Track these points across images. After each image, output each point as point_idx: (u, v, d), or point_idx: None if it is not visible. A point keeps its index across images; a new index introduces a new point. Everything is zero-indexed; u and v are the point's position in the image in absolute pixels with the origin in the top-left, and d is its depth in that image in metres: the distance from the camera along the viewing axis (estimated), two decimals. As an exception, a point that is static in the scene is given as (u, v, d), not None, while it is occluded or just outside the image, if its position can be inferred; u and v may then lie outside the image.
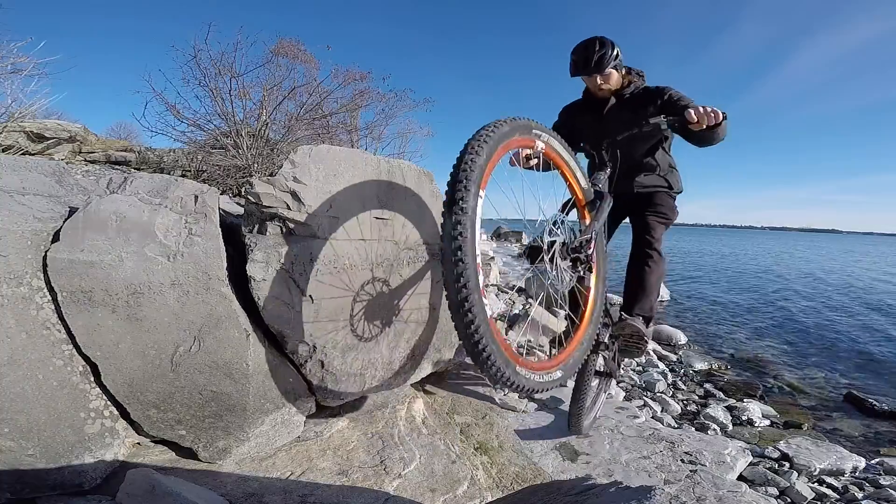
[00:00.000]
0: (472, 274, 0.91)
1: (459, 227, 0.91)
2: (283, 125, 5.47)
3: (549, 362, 1.26)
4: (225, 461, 1.37)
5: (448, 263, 0.91)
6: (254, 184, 1.49)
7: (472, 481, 1.48)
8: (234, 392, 1.37)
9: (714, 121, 1.46)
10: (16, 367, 1.10)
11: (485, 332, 0.91)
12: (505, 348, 0.98)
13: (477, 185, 0.98)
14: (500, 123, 1.11)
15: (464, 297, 0.89)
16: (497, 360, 0.93)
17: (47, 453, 1.11)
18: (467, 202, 0.94)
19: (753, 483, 2.20)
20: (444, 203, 0.97)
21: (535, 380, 1.08)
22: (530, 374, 1.07)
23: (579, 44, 1.69)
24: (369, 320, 1.73)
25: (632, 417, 2.33)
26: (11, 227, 1.16)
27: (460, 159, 1.01)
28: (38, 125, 3.63)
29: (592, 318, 1.52)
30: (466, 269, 0.90)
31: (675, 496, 0.79)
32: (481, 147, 1.03)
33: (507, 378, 0.97)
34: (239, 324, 1.38)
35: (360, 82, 6.92)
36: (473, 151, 1.01)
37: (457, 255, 0.90)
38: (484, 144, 1.03)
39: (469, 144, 1.04)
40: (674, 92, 1.70)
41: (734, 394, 3.91)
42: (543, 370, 1.17)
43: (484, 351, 0.91)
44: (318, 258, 1.54)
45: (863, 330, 6.59)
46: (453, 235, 0.91)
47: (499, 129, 1.09)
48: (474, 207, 0.96)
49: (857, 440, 3.16)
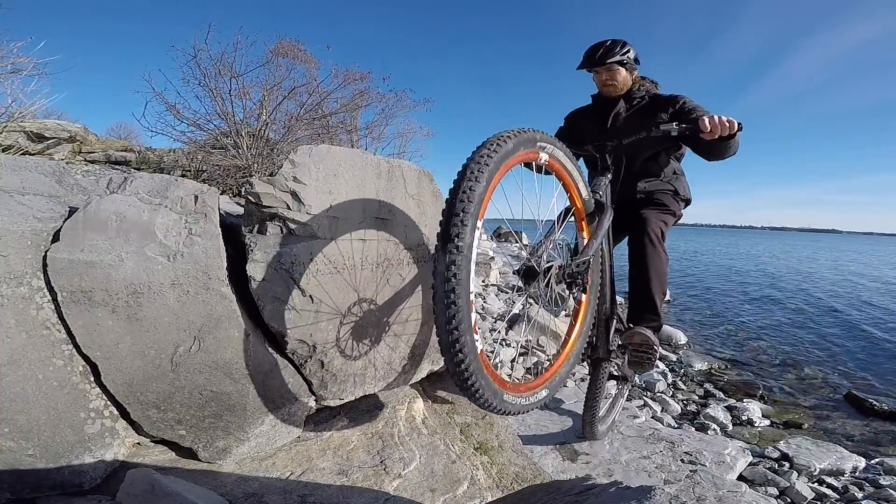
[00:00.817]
0: (465, 316, 0.88)
1: (454, 267, 0.86)
2: (283, 125, 5.48)
3: (536, 381, 1.29)
4: (225, 461, 1.37)
5: (440, 305, 0.88)
6: (254, 184, 1.49)
7: (472, 481, 1.48)
8: (234, 392, 1.37)
9: (728, 131, 1.38)
10: (16, 367, 1.10)
11: (475, 370, 0.93)
12: (494, 379, 1.03)
13: (475, 217, 0.91)
14: (503, 140, 1.01)
15: (455, 339, 0.87)
16: (485, 393, 0.98)
17: (47, 453, 1.11)
18: (463, 239, 0.88)
19: (753, 483, 2.20)
20: (438, 237, 0.91)
21: (521, 403, 1.16)
22: (516, 398, 1.14)
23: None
24: (369, 320, 1.74)
25: (632, 417, 2.34)
26: (11, 227, 1.16)
27: (457, 187, 0.93)
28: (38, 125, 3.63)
29: (582, 332, 1.50)
30: (459, 312, 0.87)
31: (675, 496, 0.79)
32: (481, 171, 0.94)
33: (494, 407, 1.03)
34: (239, 324, 1.38)
35: (360, 82, 6.93)
36: (472, 178, 0.93)
37: (449, 297, 0.86)
38: (484, 168, 0.95)
39: (467, 168, 0.95)
40: (688, 101, 1.64)
41: (734, 394, 3.91)
42: (530, 391, 1.23)
43: (473, 387, 0.94)
44: (318, 258, 1.54)
45: (863, 330, 6.59)
46: (447, 277, 0.87)
47: (502, 146, 1.00)
48: (471, 244, 0.90)
49: (857, 440, 3.16)
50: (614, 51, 1.62)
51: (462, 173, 0.95)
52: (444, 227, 0.90)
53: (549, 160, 1.21)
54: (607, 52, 1.62)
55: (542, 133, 1.15)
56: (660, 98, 1.70)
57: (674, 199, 1.81)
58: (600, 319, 1.68)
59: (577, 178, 1.37)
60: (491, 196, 1.00)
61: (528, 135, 1.09)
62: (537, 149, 1.14)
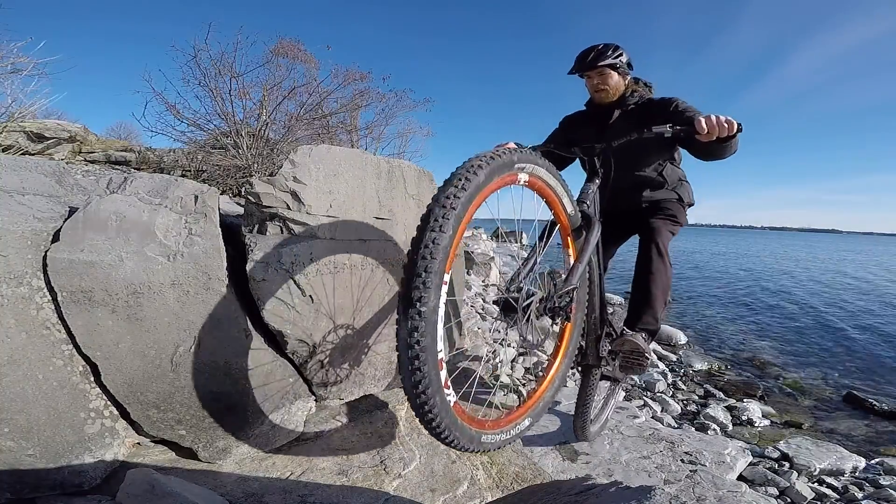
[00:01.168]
0: (432, 379, 0.86)
1: (416, 334, 0.81)
2: (283, 125, 5.48)
3: (518, 411, 1.29)
4: (225, 461, 1.37)
5: (405, 371, 0.85)
6: (254, 184, 1.49)
7: (472, 481, 1.48)
8: (234, 392, 1.37)
9: (727, 132, 1.29)
10: (16, 367, 1.10)
11: (447, 425, 0.93)
12: (471, 424, 1.04)
13: (440, 274, 0.84)
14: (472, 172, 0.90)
15: (423, 402, 0.87)
16: (462, 441, 0.99)
17: (47, 453, 1.11)
18: (426, 303, 0.81)
19: (753, 483, 2.21)
20: (399, 298, 0.85)
21: (501, 439, 1.16)
22: (496, 435, 1.14)
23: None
24: (369, 321, 1.74)
25: (632, 417, 2.34)
26: (11, 227, 1.16)
27: (418, 239, 0.84)
28: (38, 125, 3.63)
29: (567, 352, 1.47)
30: (425, 378, 0.84)
31: (675, 496, 0.79)
32: (446, 218, 0.84)
33: (473, 450, 1.05)
34: (239, 324, 1.38)
35: (360, 82, 6.94)
36: (437, 227, 0.83)
37: (413, 364, 0.83)
38: (451, 213, 0.85)
39: (430, 215, 0.85)
40: (681, 102, 1.59)
41: (734, 394, 3.91)
42: (511, 423, 1.23)
43: (447, 439, 0.96)
44: (318, 258, 1.54)
45: (863, 330, 6.59)
46: (409, 343, 0.82)
47: (471, 180, 0.89)
48: (435, 307, 0.84)
49: (857, 440, 3.16)
50: (606, 54, 1.58)
51: (425, 220, 0.85)
52: (405, 289, 0.83)
53: (530, 179, 1.12)
54: (599, 55, 1.58)
55: (520, 152, 1.05)
56: (654, 103, 1.66)
57: (679, 206, 1.78)
58: (590, 327, 1.64)
59: (561, 194, 1.27)
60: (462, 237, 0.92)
61: (502, 159, 0.98)
62: (515, 171, 1.04)
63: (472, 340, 2.90)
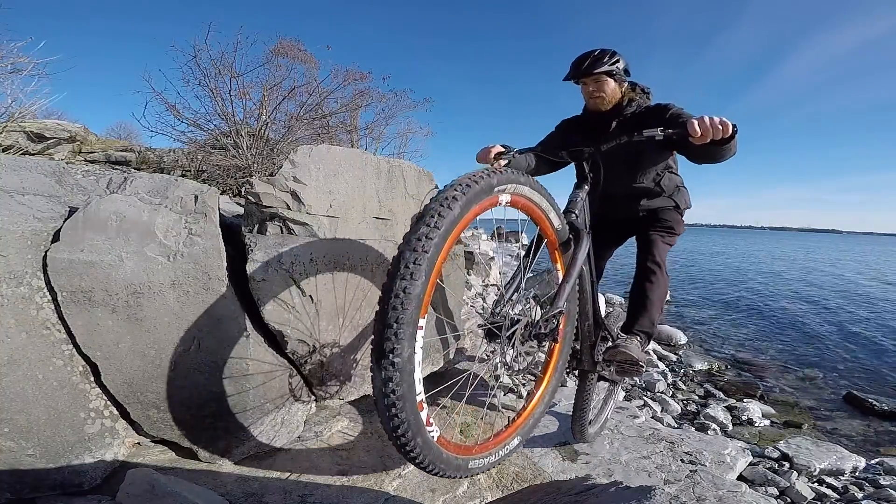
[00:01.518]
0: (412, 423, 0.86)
1: (391, 384, 0.81)
2: (283, 125, 5.48)
3: (506, 431, 1.29)
4: (225, 461, 1.37)
5: (383, 417, 0.85)
6: (254, 184, 1.49)
7: (472, 481, 1.48)
8: (234, 392, 1.37)
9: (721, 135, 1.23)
10: (16, 367, 1.10)
11: (432, 460, 0.95)
12: (457, 453, 1.05)
13: (413, 324, 0.82)
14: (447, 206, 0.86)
15: (404, 444, 0.88)
16: (449, 471, 1.01)
17: (47, 453, 1.11)
18: (400, 354, 0.80)
19: (753, 483, 2.21)
20: (372, 344, 0.83)
21: (490, 461, 1.18)
22: (484, 458, 1.16)
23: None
24: (369, 320, 1.73)
25: (632, 417, 2.33)
26: (11, 227, 1.16)
27: (389, 286, 0.81)
28: (38, 125, 3.63)
29: (556, 368, 1.47)
30: (403, 423, 0.85)
31: (675, 496, 0.79)
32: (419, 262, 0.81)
33: (461, 476, 1.07)
34: (239, 324, 1.38)
35: (360, 82, 6.94)
36: (407, 274, 0.80)
37: (391, 411, 0.83)
38: (423, 257, 0.81)
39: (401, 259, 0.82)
40: (675, 108, 1.57)
41: (734, 394, 3.91)
42: (500, 443, 1.24)
43: (434, 471, 0.97)
44: (318, 258, 1.54)
45: (863, 330, 6.59)
46: (385, 393, 0.82)
47: (444, 217, 0.85)
48: (410, 355, 0.82)
49: (857, 440, 3.16)
50: (602, 61, 1.55)
51: (395, 266, 0.82)
52: (377, 340, 0.82)
53: (512, 198, 1.08)
54: (594, 62, 1.55)
55: (498, 173, 1.00)
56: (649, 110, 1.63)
57: (676, 214, 1.78)
58: (584, 334, 1.65)
59: (546, 209, 1.23)
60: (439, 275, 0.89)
61: (480, 185, 0.93)
62: (495, 194, 1.00)
63: (472, 340, 2.90)
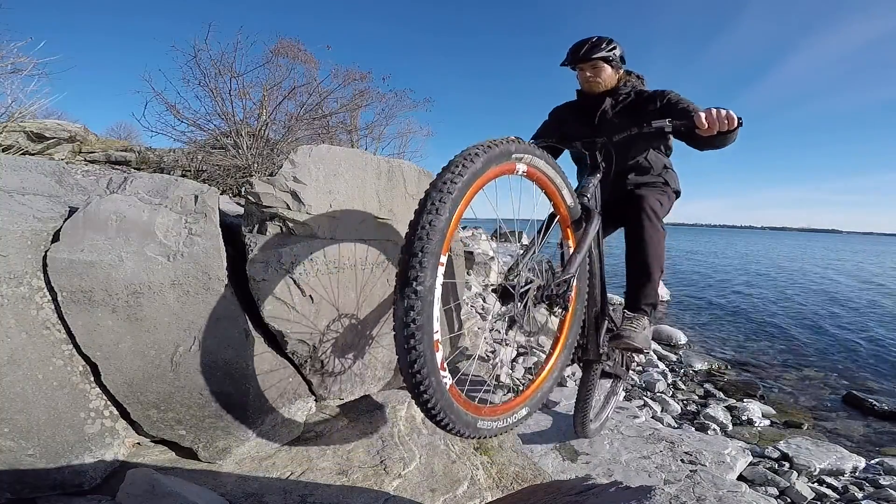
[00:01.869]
0: (428, 359, 0.86)
1: (412, 313, 0.83)
2: (283, 125, 5.48)
3: (516, 400, 1.28)
4: (225, 461, 1.37)
5: (401, 350, 0.85)
6: (254, 184, 1.49)
7: (472, 481, 1.48)
8: (234, 392, 1.37)
9: (727, 126, 1.29)
10: (16, 367, 1.10)
11: (442, 407, 0.93)
12: (467, 409, 1.03)
13: (436, 256, 0.85)
14: (470, 159, 0.92)
15: (418, 382, 0.87)
16: (457, 425, 0.99)
17: (47, 453, 1.11)
18: (423, 282, 0.83)
19: (753, 483, 2.21)
20: (397, 277, 0.86)
21: (498, 426, 1.16)
22: (493, 422, 1.13)
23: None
24: (369, 320, 1.74)
25: (632, 417, 2.34)
26: (11, 227, 1.16)
27: (416, 221, 0.85)
28: (38, 125, 3.63)
29: (567, 344, 1.47)
30: (420, 357, 0.85)
31: (675, 496, 0.79)
32: (443, 202, 0.85)
33: (469, 435, 1.04)
34: (239, 324, 1.38)
35: (360, 82, 6.95)
36: (433, 210, 0.85)
37: (409, 342, 0.84)
38: (447, 197, 0.86)
39: (428, 198, 0.87)
40: (674, 94, 1.59)
41: (734, 394, 3.92)
42: (509, 411, 1.23)
43: (443, 422, 0.95)
44: (318, 258, 1.54)
45: (862, 330, 6.59)
46: (405, 322, 0.83)
47: (468, 167, 0.90)
48: (431, 286, 0.85)
49: (857, 440, 3.16)
50: (599, 47, 1.57)
51: (422, 204, 0.87)
52: (402, 269, 0.84)
53: (528, 170, 1.12)
54: (592, 48, 1.57)
55: (518, 142, 1.05)
56: (645, 94, 1.66)
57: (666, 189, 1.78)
58: (590, 322, 1.65)
59: (560, 185, 1.28)
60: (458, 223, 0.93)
61: (500, 148, 0.99)
62: (513, 160, 1.05)
63: (472, 340, 2.90)
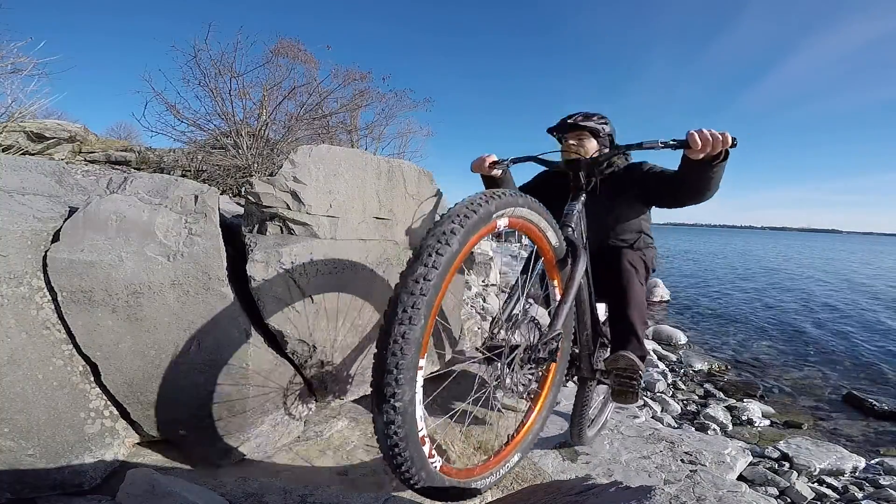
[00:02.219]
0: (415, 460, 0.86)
1: (393, 426, 0.80)
2: (283, 125, 5.48)
3: (506, 450, 1.29)
4: (225, 461, 1.37)
5: (386, 455, 0.85)
6: (254, 184, 1.50)
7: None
8: (234, 392, 1.37)
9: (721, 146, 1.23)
10: (16, 367, 1.09)
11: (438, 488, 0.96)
12: (459, 477, 1.05)
13: (413, 368, 0.80)
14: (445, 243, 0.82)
15: (408, 478, 0.88)
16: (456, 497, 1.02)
17: (47, 453, 1.11)
18: (401, 398, 0.79)
19: (753, 483, 2.21)
20: (372, 387, 0.81)
21: (492, 479, 1.19)
22: (486, 478, 1.16)
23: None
24: (369, 320, 1.74)
25: (632, 417, 2.33)
26: (11, 227, 1.16)
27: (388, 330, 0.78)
28: (38, 125, 3.63)
29: (554, 382, 1.45)
30: (406, 461, 0.85)
31: (675, 496, 0.79)
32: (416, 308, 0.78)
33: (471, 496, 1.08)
34: (239, 324, 1.38)
35: (360, 82, 6.95)
36: (406, 319, 0.77)
37: (394, 450, 0.83)
38: (421, 300, 0.78)
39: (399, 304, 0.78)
40: (650, 164, 1.59)
41: (734, 394, 3.92)
42: (500, 462, 1.25)
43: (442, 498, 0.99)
44: (318, 258, 1.54)
45: (862, 330, 6.59)
46: (387, 434, 0.81)
47: (443, 254, 0.81)
48: (411, 398, 0.81)
49: (857, 440, 3.17)
50: (591, 118, 1.57)
51: (393, 308, 0.79)
52: (377, 380, 0.79)
53: (510, 221, 1.05)
54: (584, 118, 1.57)
55: (497, 198, 0.96)
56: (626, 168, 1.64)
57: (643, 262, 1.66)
58: (583, 343, 1.60)
59: (545, 228, 1.20)
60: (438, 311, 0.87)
61: (479, 214, 0.90)
62: (493, 220, 0.97)
63: (472, 341, 2.90)
